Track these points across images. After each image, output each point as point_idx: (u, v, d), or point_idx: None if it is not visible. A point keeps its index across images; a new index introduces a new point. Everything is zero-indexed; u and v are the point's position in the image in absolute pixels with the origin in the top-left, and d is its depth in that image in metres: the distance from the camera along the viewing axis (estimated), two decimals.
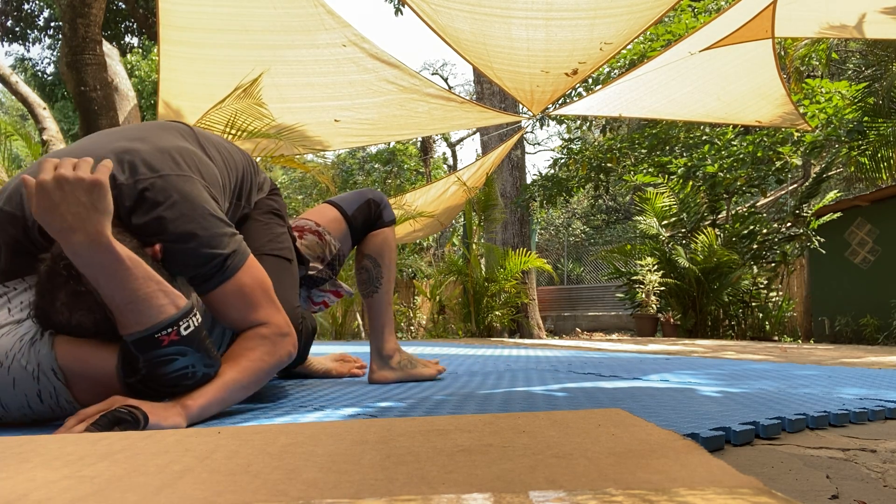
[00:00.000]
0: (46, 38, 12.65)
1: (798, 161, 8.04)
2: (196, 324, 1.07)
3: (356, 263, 1.80)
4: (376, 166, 15.48)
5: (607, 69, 8.80)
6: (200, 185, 1.22)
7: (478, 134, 12.80)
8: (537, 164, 51.28)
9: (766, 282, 7.77)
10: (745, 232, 7.71)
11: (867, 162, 7.63)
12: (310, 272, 1.66)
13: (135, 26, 12.10)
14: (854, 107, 7.21)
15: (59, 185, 0.99)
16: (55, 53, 13.75)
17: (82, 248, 1.00)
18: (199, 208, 1.18)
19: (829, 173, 8.11)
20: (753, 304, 7.65)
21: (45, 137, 6.80)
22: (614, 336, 8.94)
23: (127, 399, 1.02)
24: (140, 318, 1.01)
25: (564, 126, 12.75)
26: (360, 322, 8.69)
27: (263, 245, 1.48)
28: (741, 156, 7.55)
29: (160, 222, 1.14)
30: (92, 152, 1.19)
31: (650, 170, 8.54)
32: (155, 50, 7.83)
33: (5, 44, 12.31)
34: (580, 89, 9.06)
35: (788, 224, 7.95)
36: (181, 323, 1.04)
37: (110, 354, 1.06)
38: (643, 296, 7.76)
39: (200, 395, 1.08)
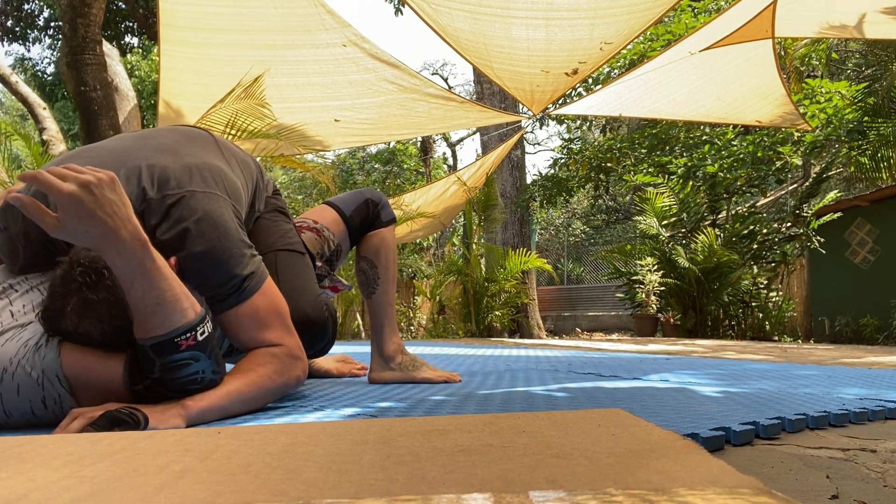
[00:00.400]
0: (46, 38, 12.64)
1: (798, 161, 8.04)
2: (209, 329, 1.09)
3: (355, 265, 1.80)
4: (376, 166, 15.48)
5: (607, 69, 8.80)
6: (225, 204, 1.23)
7: (478, 134, 12.81)
8: (537, 164, 51.29)
9: (766, 282, 7.77)
10: (745, 232, 7.71)
11: (867, 162, 7.63)
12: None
13: (135, 26, 12.10)
14: (854, 107, 7.21)
15: (87, 190, 0.97)
16: (55, 53, 13.75)
17: (126, 245, 0.98)
18: (223, 227, 1.19)
19: (829, 173, 8.11)
20: (753, 304, 7.65)
21: (45, 137, 6.81)
22: (614, 336, 8.94)
23: (123, 404, 1.02)
24: (164, 322, 1.01)
25: (564, 126, 12.75)
26: (360, 322, 8.69)
27: (275, 242, 1.48)
28: (741, 156, 7.55)
29: (183, 238, 1.15)
30: (122, 163, 1.20)
31: (650, 170, 8.54)
32: (155, 50, 7.83)
33: (5, 44, 12.30)
34: (580, 89, 9.06)
35: (788, 224, 7.95)
36: (198, 328, 1.05)
37: (116, 363, 1.06)
38: (643, 296, 7.76)
39: (202, 398, 1.08)
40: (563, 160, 9.69)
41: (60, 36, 8.00)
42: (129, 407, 0.97)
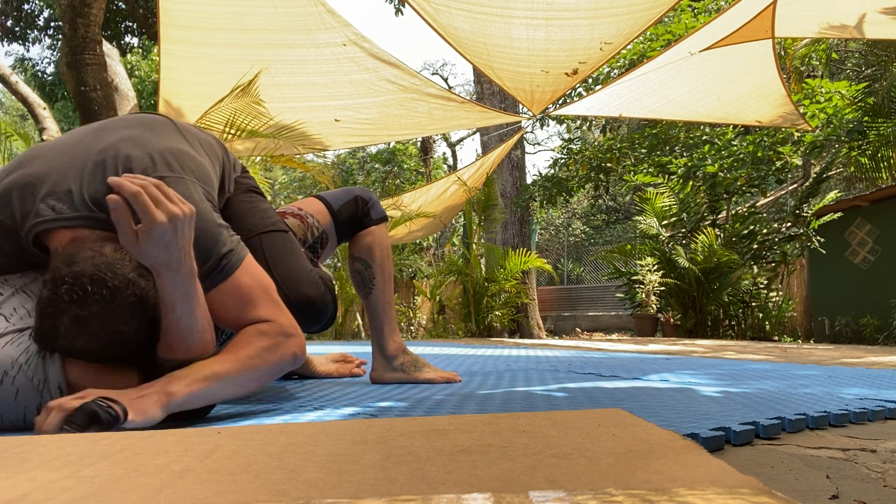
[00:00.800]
0: (46, 38, 12.65)
1: (798, 161, 8.04)
2: None
3: (349, 267, 1.77)
4: (376, 166, 15.49)
5: (607, 69, 8.80)
6: (195, 187, 1.19)
7: (478, 134, 12.81)
8: (537, 164, 51.32)
9: (766, 282, 7.77)
10: (745, 232, 7.71)
11: (867, 162, 7.63)
12: None
13: (135, 26, 12.11)
14: (854, 107, 7.21)
15: (174, 224, 1.01)
16: (55, 53, 13.76)
17: (180, 274, 1.03)
18: (195, 210, 1.17)
19: (829, 173, 8.11)
20: (753, 304, 7.65)
21: (45, 137, 6.80)
22: (614, 336, 8.94)
23: (102, 391, 0.99)
24: (190, 349, 1.06)
25: (564, 126, 12.75)
26: (360, 322, 8.68)
27: (256, 224, 1.44)
28: (741, 156, 7.55)
29: None
30: (85, 159, 1.15)
31: (650, 170, 8.54)
32: (155, 50, 7.83)
33: (5, 44, 12.31)
34: (580, 89, 9.06)
35: (788, 224, 7.96)
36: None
37: (124, 377, 1.06)
38: (643, 296, 7.76)
39: (187, 383, 1.04)
40: (563, 160, 9.69)
41: (60, 36, 8.00)
42: (105, 399, 0.94)
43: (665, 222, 7.99)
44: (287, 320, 1.20)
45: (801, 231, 7.57)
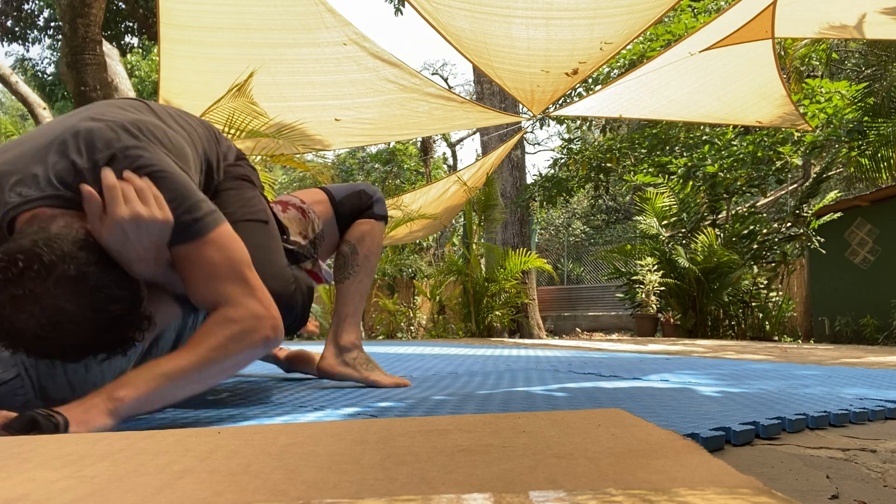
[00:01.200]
0: (46, 38, 12.65)
1: (798, 161, 8.04)
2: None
3: (336, 250, 1.71)
4: (376, 166, 15.49)
5: (607, 69, 8.80)
6: (162, 153, 1.12)
7: (478, 134, 12.80)
8: (537, 164, 51.29)
9: (766, 282, 7.77)
10: (745, 232, 7.71)
11: (867, 162, 7.63)
12: (289, 245, 1.54)
13: (135, 26, 12.10)
14: (854, 107, 7.21)
15: (135, 223, 1.01)
16: (55, 53, 13.76)
17: (147, 274, 1.07)
18: (162, 170, 1.10)
19: (829, 173, 8.11)
20: (753, 304, 7.65)
21: None
22: (614, 336, 8.94)
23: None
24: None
25: (564, 126, 12.75)
26: (361, 323, 8.67)
27: (235, 212, 1.38)
28: (741, 156, 7.55)
29: None
30: (52, 140, 1.11)
31: (650, 170, 8.54)
32: (155, 50, 7.83)
33: (5, 44, 12.30)
34: (580, 89, 9.06)
35: (788, 224, 7.96)
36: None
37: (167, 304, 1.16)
38: (643, 296, 7.76)
39: (136, 385, 0.96)
40: (563, 160, 9.69)
41: (60, 36, 8.00)
42: (48, 410, 0.90)
43: (665, 222, 7.99)
44: (257, 302, 1.11)
45: (801, 231, 7.57)
